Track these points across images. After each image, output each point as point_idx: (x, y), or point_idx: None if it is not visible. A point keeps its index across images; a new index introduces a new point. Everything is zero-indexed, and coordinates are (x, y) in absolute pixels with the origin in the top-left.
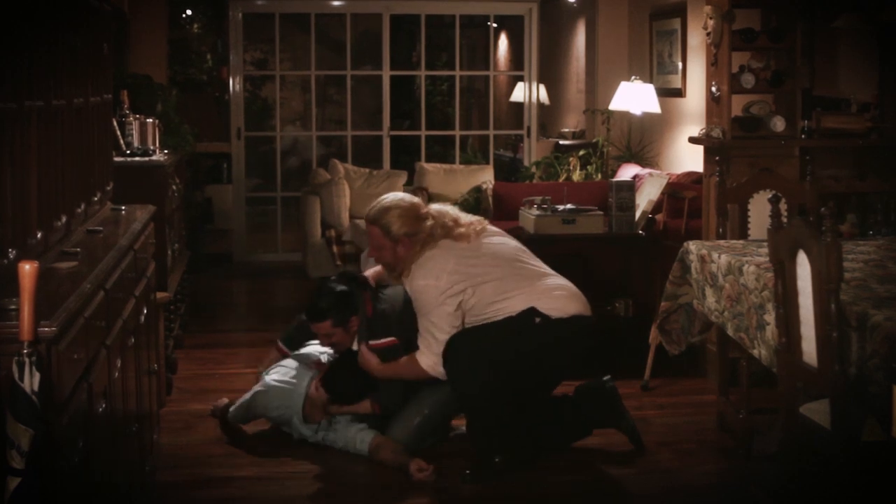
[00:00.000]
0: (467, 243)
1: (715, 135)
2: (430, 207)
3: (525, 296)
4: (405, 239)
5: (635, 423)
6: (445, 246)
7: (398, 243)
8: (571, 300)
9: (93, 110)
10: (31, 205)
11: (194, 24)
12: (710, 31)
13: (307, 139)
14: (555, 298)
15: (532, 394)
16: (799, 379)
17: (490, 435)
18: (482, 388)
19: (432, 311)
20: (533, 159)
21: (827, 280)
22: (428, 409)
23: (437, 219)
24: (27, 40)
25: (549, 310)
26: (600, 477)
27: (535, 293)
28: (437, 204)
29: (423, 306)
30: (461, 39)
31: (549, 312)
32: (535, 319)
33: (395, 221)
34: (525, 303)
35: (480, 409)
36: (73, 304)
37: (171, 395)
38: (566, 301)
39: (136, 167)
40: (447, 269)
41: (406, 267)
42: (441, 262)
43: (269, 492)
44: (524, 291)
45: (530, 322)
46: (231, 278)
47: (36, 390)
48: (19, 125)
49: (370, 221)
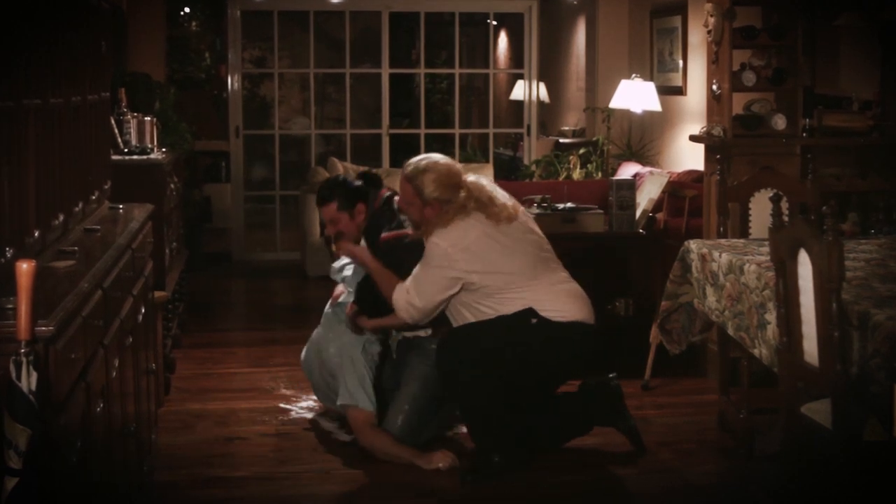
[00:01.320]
0: (496, 224)
1: (716, 133)
2: (467, 177)
3: (529, 294)
4: (436, 203)
5: (636, 424)
6: (473, 220)
7: (428, 205)
8: (575, 305)
9: (90, 108)
10: (28, 203)
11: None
12: (710, 29)
13: (306, 137)
14: (558, 301)
15: (531, 394)
16: (800, 378)
17: (488, 435)
18: (478, 388)
19: (430, 271)
20: (533, 158)
21: (828, 279)
22: (408, 404)
23: (472, 192)
24: (25, 38)
25: (548, 312)
26: (600, 477)
27: (540, 293)
28: (475, 175)
29: (426, 260)
30: (461, 37)
31: (547, 315)
32: (531, 320)
33: (430, 184)
34: (526, 302)
35: (478, 410)
36: (71, 303)
37: (169, 394)
38: (569, 305)
39: (134, 166)
40: (464, 244)
41: (430, 230)
42: (462, 234)
43: (268, 492)
44: (530, 289)
45: (526, 322)
46: (229, 277)
47: (33, 390)
48: (17, 123)
49: (405, 178)
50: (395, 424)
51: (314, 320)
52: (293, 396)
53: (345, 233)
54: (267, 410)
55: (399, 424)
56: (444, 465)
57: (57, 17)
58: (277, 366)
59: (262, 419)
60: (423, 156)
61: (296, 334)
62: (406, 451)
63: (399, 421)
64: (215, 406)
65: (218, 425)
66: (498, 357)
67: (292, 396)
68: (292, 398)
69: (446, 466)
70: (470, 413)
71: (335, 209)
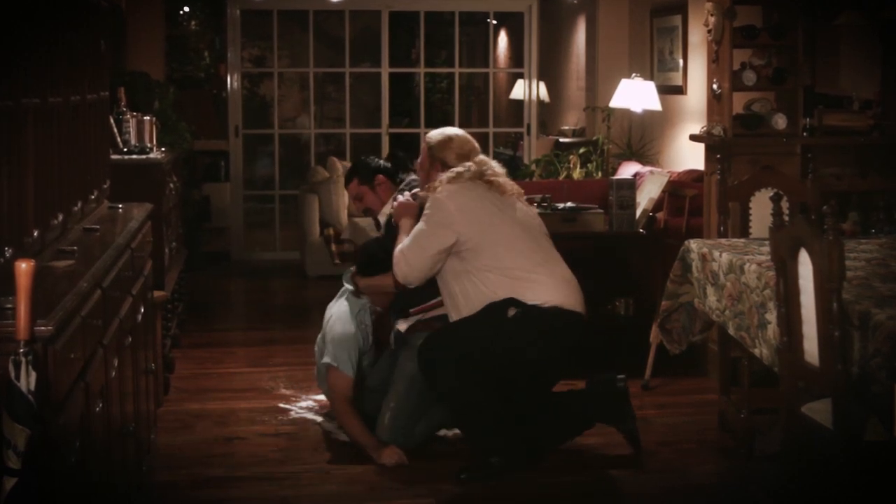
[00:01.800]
0: (499, 195)
1: (716, 132)
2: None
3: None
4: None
5: (637, 427)
6: (476, 184)
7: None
8: (562, 292)
9: (90, 108)
10: (27, 203)
11: (192, 21)
12: (711, 28)
13: (305, 136)
14: (547, 285)
15: (524, 390)
16: (800, 378)
17: (483, 436)
18: (463, 388)
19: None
20: (533, 157)
21: (829, 279)
22: (394, 402)
23: (480, 164)
24: (24, 37)
25: (532, 300)
26: (600, 477)
27: (525, 278)
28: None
29: (425, 216)
30: (461, 36)
31: (530, 302)
32: (510, 311)
33: (444, 148)
34: (508, 290)
35: (467, 410)
36: (70, 302)
37: (168, 394)
38: (557, 292)
39: (134, 165)
40: (464, 203)
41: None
42: (464, 193)
43: (268, 492)
44: (517, 271)
45: (503, 314)
46: (229, 277)
47: (32, 390)
48: (15, 123)
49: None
50: (383, 424)
51: (314, 320)
52: (293, 396)
53: (372, 208)
54: (266, 410)
55: (387, 423)
56: (390, 462)
57: (56, 15)
58: (277, 366)
59: (261, 419)
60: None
61: (295, 334)
62: (364, 438)
63: (386, 420)
64: (214, 406)
65: (217, 425)
66: (480, 354)
67: (292, 396)
68: (292, 398)
69: (391, 463)
70: (460, 414)
71: (356, 184)
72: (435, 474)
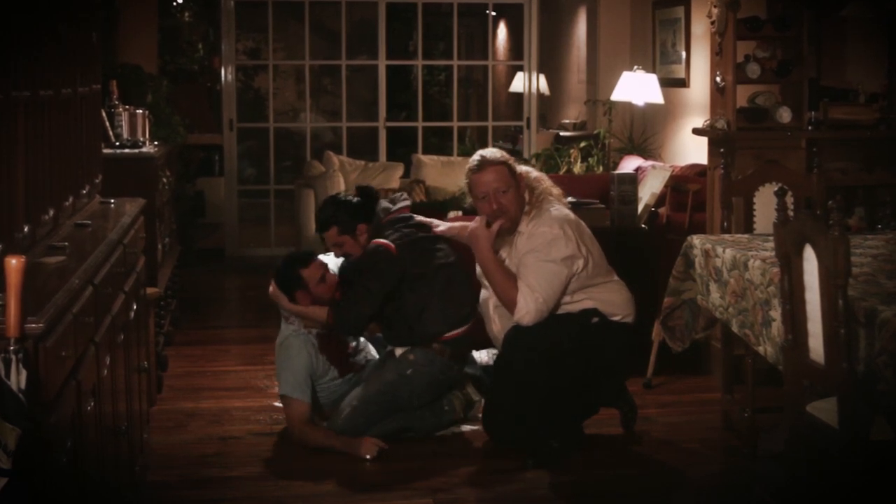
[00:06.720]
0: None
1: (719, 126)
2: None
3: (596, 291)
4: (525, 184)
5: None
6: (558, 203)
7: (518, 186)
8: (630, 306)
9: (81, 101)
10: (17, 198)
11: (185, 12)
12: (714, 20)
13: (301, 130)
14: (619, 301)
15: (583, 385)
16: (805, 377)
17: (545, 422)
18: (539, 377)
19: (547, 265)
20: (533, 151)
21: (834, 275)
22: (357, 401)
23: (541, 180)
24: (13, 29)
25: (609, 312)
26: (601, 477)
27: (605, 290)
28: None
29: (540, 255)
30: (459, 28)
31: (608, 313)
32: (592, 319)
33: (514, 165)
34: (592, 301)
35: (539, 397)
36: (61, 299)
37: (161, 393)
38: (627, 307)
39: (126, 159)
40: (570, 221)
41: (522, 220)
42: (562, 214)
43: (263, 492)
44: (601, 283)
45: (588, 321)
46: (223, 273)
47: (23, 388)
48: (5, 116)
49: (495, 162)
50: (339, 416)
51: None
52: None
53: (352, 254)
54: (261, 409)
55: (343, 416)
56: (371, 454)
57: (46, 7)
58: (271, 364)
59: (255, 418)
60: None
61: None
62: (334, 441)
63: (345, 413)
64: (208, 405)
65: (211, 424)
66: (560, 349)
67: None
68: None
69: (373, 455)
70: (533, 401)
71: (336, 233)
72: (434, 474)
